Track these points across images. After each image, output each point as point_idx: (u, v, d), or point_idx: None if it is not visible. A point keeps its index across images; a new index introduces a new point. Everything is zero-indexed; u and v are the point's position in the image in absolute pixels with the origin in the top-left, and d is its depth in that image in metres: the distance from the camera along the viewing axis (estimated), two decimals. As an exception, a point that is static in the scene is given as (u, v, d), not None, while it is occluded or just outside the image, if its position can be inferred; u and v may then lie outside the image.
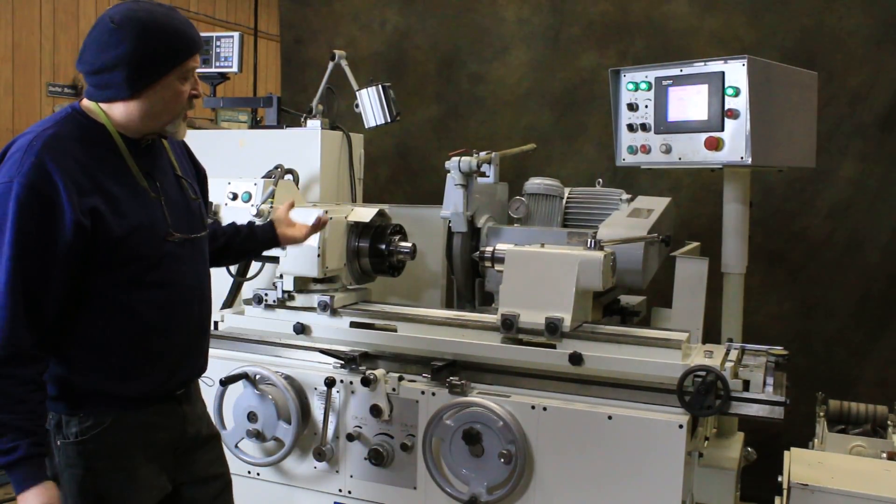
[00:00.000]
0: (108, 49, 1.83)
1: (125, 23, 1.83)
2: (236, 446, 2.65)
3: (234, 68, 3.79)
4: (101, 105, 1.91)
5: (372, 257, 2.89)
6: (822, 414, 3.41)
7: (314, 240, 2.69)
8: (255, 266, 2.94)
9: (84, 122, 1.90)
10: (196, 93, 1.97)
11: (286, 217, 2.56)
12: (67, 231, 1.76)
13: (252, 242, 2.49)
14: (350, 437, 2.57)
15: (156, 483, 2.00)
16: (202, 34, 2.32)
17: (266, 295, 2.82)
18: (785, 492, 2.54)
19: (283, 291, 2.79)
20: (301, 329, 2.75)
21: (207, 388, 2.41)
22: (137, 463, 1.95)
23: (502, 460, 2.31)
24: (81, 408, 1.88)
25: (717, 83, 2.84)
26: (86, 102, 1.93)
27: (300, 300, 2.79)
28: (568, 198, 3.40)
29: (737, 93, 2.81)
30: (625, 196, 3.26)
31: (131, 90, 1.86)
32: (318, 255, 2.71)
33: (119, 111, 1.90)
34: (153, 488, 2.00)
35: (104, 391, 1.90)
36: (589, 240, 2.53)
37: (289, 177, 3.05)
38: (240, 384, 2.63)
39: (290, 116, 3.84)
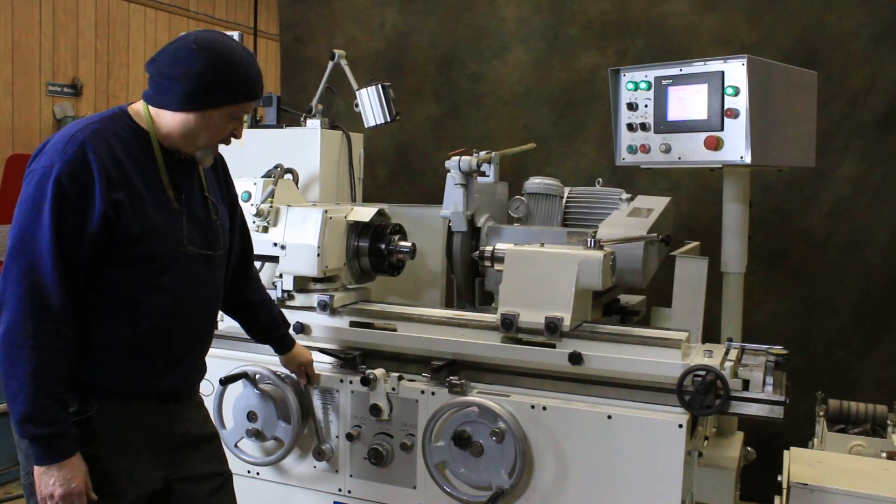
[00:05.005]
0: (181, 63, 1.94)
1: (206, 48, 1.94)
2: (236, 446, 2.65)
3: (234, 68, 3.77)
4: (151, 109, 2.00)
5: (372, 257, 2.88)
6: (821, 413, 3.41)
7: (314, 239, 2.70)
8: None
9: (128, 123, 2.00)
10: (236, 133, 2.08)
11: (299, 370, 2.58)
12: (95, 220, 1.86)
13: (264, 333, 2.51)
14: (350, 437, 2.57)
15: (141, 476, 2.03)
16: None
17: (266, 294, 2.82)
18: (785, 491, 2.54)
19: (283, 291, 2.79)
20: (301, 328, 2.74)
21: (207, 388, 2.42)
22: (121, 453, 1.98)
23: (494, 438, 2.32)
24: (68, 392, 1.91)
25: (717, 83, 2.84)
26: (135, 106, 2.04)
27: (300, 300, 2.79)
28: (568, 197, 3.40)
29: (736, 92, 2.81)
30: (624, 195, 3.26)
31: (183, 105, 1.96)
32: (318, 255, 2.71)
33: (165, 119, 1.99)
34: (140, 481, 2.02)
35: (91, 382, 1.95)
36: (589, 239, 2.52)
37: (288, 176, 3.04)
38: (239, 384, 2.63)
39: (289, 116, 3.83)
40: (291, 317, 2.73)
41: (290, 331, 2.60)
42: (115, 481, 1.97)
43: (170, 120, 1.98)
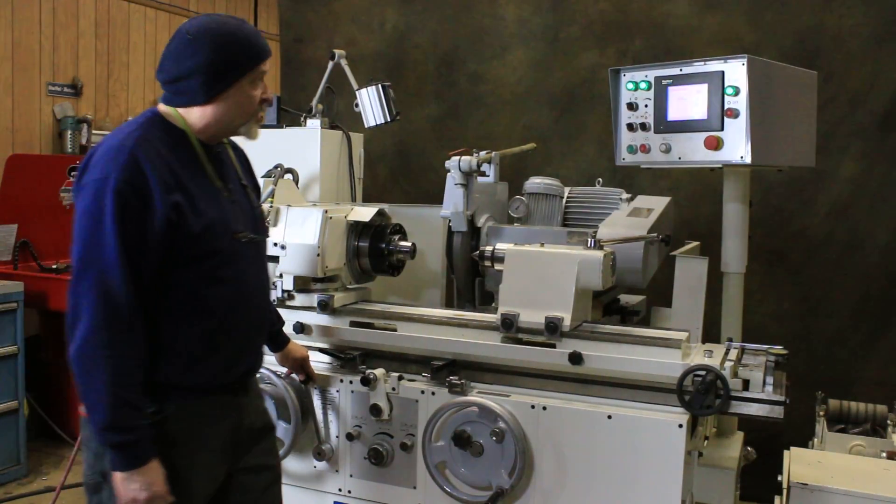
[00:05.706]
0: (185, 59, 1.98)
1: (200, 34, 1.98)
2: (236, 446, 2.65)
3: (234, 68, 3.77)
4: (179, 110, 2.03)
5: (372, 257, 2.88)
6: (821, 413, 3.41)
7: (314, 239, 2.70)
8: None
9: (164, 124, 2.03)
10: (267, 97, 2.10)
11: (295, 365, 2.60)
12: (158, 224, 1.89)
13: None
14: (350, 437, 2.57)
15: (214, 471, 2.09)
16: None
17: (266, 294, 2.82)
18: (785, 491, 2.54)
19: (283, 291, 2.78)
20: (301, 328, 2.74)
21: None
22: (197, 450, 2.03)
23: (494, 438, 2.32)
24: (146, 396, 1.94)
25: (717, 82, 2.84)
26: (163, 108, 2.06)
27: (300, 300, 2.79)
28: (568, 197, 3.40)
29: (736, 92, 2.81)
30: (625, 195, 3.26)
31: (207, 95, 2.00)
32: (318, 255, 2.71)
33: (196, 115, 2.03)
34: (211, 477, 2.08)
35: (167, 382, 1.98)
36: (589, 239, 2.52)
37: (288, 176, 3.05)
38: (239, 384, 2.63)
39: (289, 116, 3.84)
40: (291, 317, 2.73)
41: (290, 330, 2.60)
42: (192, 478, 2.01)
43: (201, 114, 2.02)
